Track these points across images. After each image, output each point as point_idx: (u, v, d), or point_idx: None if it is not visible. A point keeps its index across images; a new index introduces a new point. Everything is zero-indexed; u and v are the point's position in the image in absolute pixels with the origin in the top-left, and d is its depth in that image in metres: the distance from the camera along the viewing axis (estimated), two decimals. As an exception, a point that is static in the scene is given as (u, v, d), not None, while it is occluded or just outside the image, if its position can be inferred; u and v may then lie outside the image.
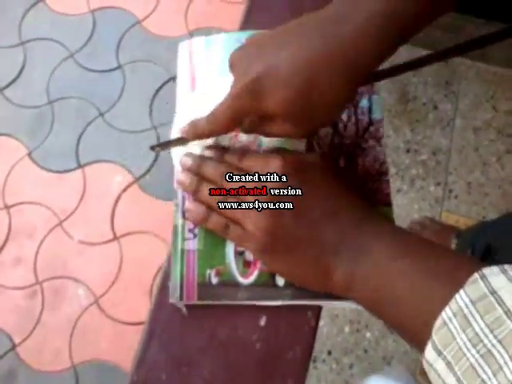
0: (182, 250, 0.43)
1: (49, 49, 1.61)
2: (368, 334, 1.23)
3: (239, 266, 0.42)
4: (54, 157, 1.49)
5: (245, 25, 0.54)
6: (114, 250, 1.37)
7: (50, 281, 1.35)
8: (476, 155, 1.37)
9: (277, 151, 0.42)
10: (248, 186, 0.39)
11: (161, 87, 1.51)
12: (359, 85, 0.37)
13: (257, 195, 0.38)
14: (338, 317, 1.25)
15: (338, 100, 0.36)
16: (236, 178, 0.40)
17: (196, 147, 0.44)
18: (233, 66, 0.40)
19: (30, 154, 1.49)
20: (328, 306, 0.42)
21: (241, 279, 0.42)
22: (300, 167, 0.39)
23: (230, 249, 0.43)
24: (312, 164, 0.40)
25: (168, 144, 0.45)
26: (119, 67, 1.57)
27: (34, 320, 1.32)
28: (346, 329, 1.24)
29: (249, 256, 0.42)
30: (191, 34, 1.58)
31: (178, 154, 0.45)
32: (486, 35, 0.38)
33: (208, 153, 0.44)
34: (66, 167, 1.47)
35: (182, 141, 0.44)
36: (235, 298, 0.41)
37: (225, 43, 0.51)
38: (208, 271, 0.42)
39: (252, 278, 0.42)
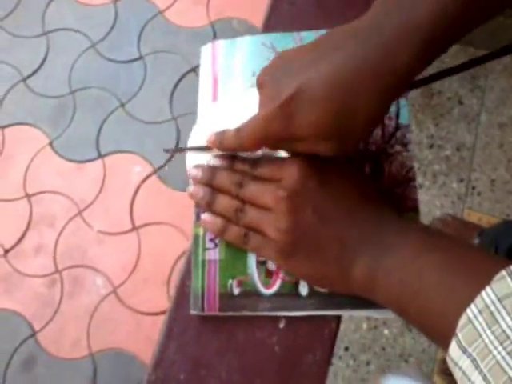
0: (203, 261, 0.42)
1: (71, 39, 1.62)
2: (386, 331, 1.22)
3: (261, 276, 0.41)
4: (75, 147, 1.50)
5: (270, 17, 0.53)
6: (132, 240, 1.38)
7: (70, 270, 1.37)
8: (501, 152, 1.34)
9: (292, 155, 0.41)
10: (265, 191, 0.39)
11: (181, 78, 1.51)
12: (395, 98, 0.35)
13: (274, 199, 0.38)
14: (355, 314, 1.24)
15: (374, 117, 0.35)
16: (252, 185, 0.40)
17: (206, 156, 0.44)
18: (261, 86, 0.38)
19: (51, 144, 1.50)
20: (353, 315, 0.41)
21: (263, 289, 0.41)
22: (317, 168, 0.39)
23: (251, 258, 0.42)
24: (329, 164, 0.40)
25: (185, 149, 0.44)
26: (140, 58, 1.58)
27: (53, 308, 1.34)
28: (364, 325, 1.23)
29: (271, 266, 0.42)
30: (212, 25, 1.57)
31: (191, 159, 0.45)
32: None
33: (216, 161, 0.43)
34: (86, 157, 1.48)
35: (203, 149, 0.43)
36: (257, 308, 0.41)
37: (249, 48, 0.49)
38: (230, 281, 0.41)
39: (274, 288, 0.41)
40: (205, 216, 0.42)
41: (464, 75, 1.41)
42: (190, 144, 0.46)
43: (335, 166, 0.40)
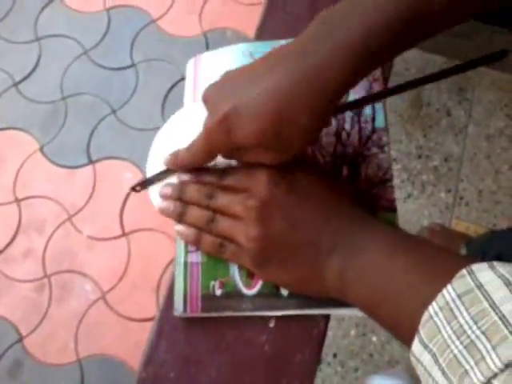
0: (186, 263, 0.43)
1: (64, 45, 1.62)
2: (374, 338, 1.23)
3: (243, 277, 0.42)
4: (66, 152, 1.50)
5: (262, 27, 0.54)
6: (122, 246, 1.38)
7: (58, 275, 1.36)
8: (488, 163, 1.36)
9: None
10: (235, 201, 0.40)
11: (173, 86, 1.52)
12: (330, 113, 0.38)
13: (244, 209, 0.39)
14: (344, 320, 1.25)
15: (310, 128, 0.36)
16: (221, 196, 0.41)
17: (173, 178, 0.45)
18: (206, 102, 0.40)
19: (41, 149, 1.50)
20: (333, 314, 0.42)
21: (245, 290, 0.42)
22: (285, 175, 0.40)
23: None
24: (297, 170, 0.41)
25: (151, 180, 0.46)
26: (133, 65, 1.58)
27: (41, 313, 1.33)
28: (352, 332, 1.24)
29: None
30: (205, 35, 1.59)
31: (155, 192, 0.46)
32: (479, 58, 0.38)
33: (185, 177, 0.44)
34: (77, 163, 1.48)
35: (163, 174, 0.44)
36: (240, 309, 0.41)
37: (229, 58, 0.51)
38: (212, 283, 0.42)
39: (256, 289, 0.42)
40: (178, 227, 0.43)
41: (452, 88, 1.43)
42: (148, 171, 0.47)
43: (303, 171, 0.41)
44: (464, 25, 0.36)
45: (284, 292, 0.41)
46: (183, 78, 1.49)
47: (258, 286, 0.42)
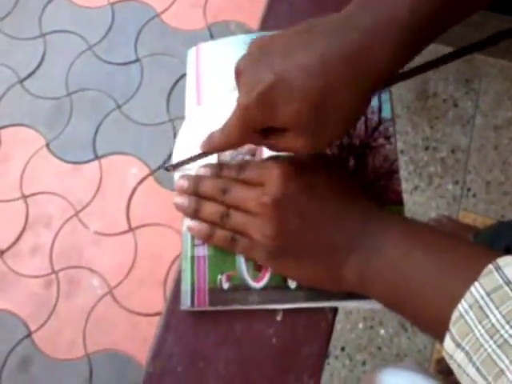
0: (192, 257, 0.42)
1: (68, 41, 1.62)
2: (382, 332, 1.22)
3: (250, 270, 0.42)
4: (72, 148, 1.50)
5: (266, 19, 0.54)
6: (128, 241, 1.38)
7: (66, 270, 1.37)
8: (496, 154, 1.35)
9: (276, 158, 0.41)
10: (249, 197, 0.39)
11: (178, 80, 1.52)
12: (375, 92, 0.35)
13: (258, 205, 0.38)
14: (352, 313, 1.24)
15: (354, 110, 0.34)
16: (235, 191, 0.40)
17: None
18: (239, 75, 0.37)
19: (47, 145, 1.50)
20: (342, 306, 0.41)
21: (252, 283, 0.41)
22: (299, 171, 0.39)
23: None
24: (311, 166, 0.40)
25: (185, 162, 0.44)
26: (137, 60, 1.58)
27: (49, 308, 1.34)
28: (360, 325, 1.23)
29: None
30: (209, 28, 1.58)
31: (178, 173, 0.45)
32: (502, 31, 0.36)
33: (203, 171, 0.43)
34: (83, 158, 1.48)
35: (199, 157, 0.43)
36: (247, 302, 0.41)
37: (232, 48, 0.50)
38: (219, 276, 0.42)
39: (263, 282, 0.41)
40: (191, 223, 0.42)
41: (459, 78, 1.42)
42: (176, 149, 0.46)
43: (318, 167, 0.40)
44: (473, 15, 0.35)
45: (292, 284, 0.41)
46: (188, 73, 1.48)
47: (265, 279, 0.41)
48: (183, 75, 1.51)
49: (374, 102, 0.46)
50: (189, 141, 0.46)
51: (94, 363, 1.28)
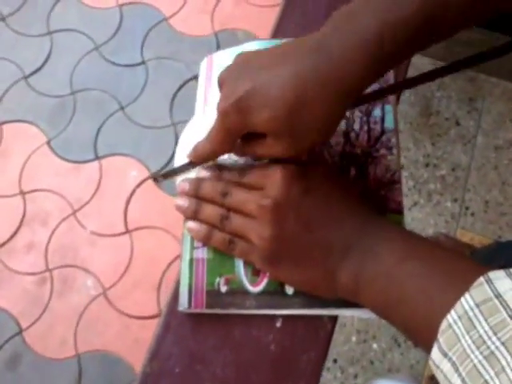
0: (191, 259, 0.43)
1: (75, 40, 1.63)
2: (375, 345, 1.22)
3: (248, 275, 0.42)
4: (73, 147, 1.50)
5: (279, 27, 0.54)
6: (125, 243, 1.38)
7: (60, 269, 1.36)
8: (495, 174, 1.36)
9: (277, 163, 0.41)
10: (249, 199, 0.40)
11: (183, 85, 1.52)
12: (349, 104, 0.37)
13: (258, 208, 0.39)
14: (345, 326, 1.24)
15: (329, 118, 0.36)
16: (236, 194, 0.41)
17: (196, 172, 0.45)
18: (221, 84, 0.40)
19: (48, 143, 1.50)
20: (338, 314, 0.41)
21: (250, 288, 0.41)
22: (300, 176, 0.39)
23: None
24: (312, 171, 0.40)
25: (173, 172, 0.45)
26: (143, 63, 1.59)
27: (41, 306, 1.33)
28: (353, 338, 1.23)
29: None
30: (216, 35, 1.59)
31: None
32: (491, 49, 0.38)
33: (205, 173, 0.44)
34: (83, 158, 1.48)
35: (187, 167, 0.44)
36: (244, 306, 0.41)
37: None
38: (217, 280, 0.42)
39: (261, 287, 0.42)
40: (190, 224, 0.43)
41: (462, 97, 1.43)
42: (176, 160, 0.46)
43: (318, 173, 0.41)
44: (467, 32, 0.36)
45: (289, 291, 0.41)
46: (193, 78, 1.49)
47: (263, 284, 0.42)
48: (188, 80, 1.51)
49: (377, 112, 0.47)
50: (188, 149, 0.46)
51: (84, 363, 1.27)
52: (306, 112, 0.35)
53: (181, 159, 0.45)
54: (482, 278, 0.29)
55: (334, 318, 0.42)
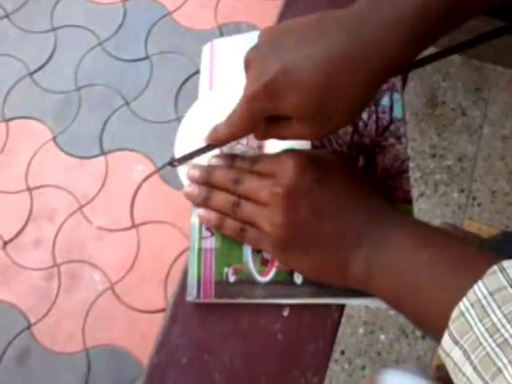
0: (200, 249, 0.43)
1: (79, 36, 1.63)
2: (382, 337, 1.22)
3: (257, 264, 0.42)
4: (78, 142, 1.50)
5: (282, 18, 0.54)
6: (131, 237, 1.38)
7: (68, 264, 1.37)
8: (502, 164, 1.35)
9: (289, 151, 0.41)
10: (261, 187, 0.39)
11: (187, 79, 1.52)
12: (380, 85, 0.36)
13: (270, 195, 0.38)
14: (353, 317, 1.24)
15: (359, 101, 0.35)
16: (248, 181, 0.40)
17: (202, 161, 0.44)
18: (248, 66, 0.38)
19: (54, 139, 1.51)
20: (347, 303, 0.41)
21: (258, 277, 0.42)
22: (313, 164, 0.39)
23: (247, 247, 0.42)
24: (325, 160, 0.40)
25: (190, 156, 0.44)
26: (147, 57, 1.58)
27: (50, 301, 1.33)
28: (361, 330, 1.23)
29: (266, 254, 0.42)
30: (220, 28, 1.58)
31: (184, 172, 0.45)
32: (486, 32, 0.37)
33: (215, 161, 0.44)
34: (89, 153, 1.49)
35: (203, 150, 0.43)
36: (252, 296, 0.41)
37: (246, 43, 0.50)
38: (225, 269, 0.42)
39: (269, 276, 0.42)
40: (201, 211, 0.43)
41: (468, 87, 1.42)
42: (179, 136, 0.46)
43: (331, 162, 0.40)
44: (477, 22, 0.36)
45: (297, 280, 0.41)
46: (197, 72, 1.48)
47: (271, 274, 0.42)
48: (192, 74, 1.51)
49: (386, 101, 0.47)
50: (190, 135, 0.46)
51: (92, 358, 1.28)
52: (337, 95, 0.34)
53: (181, 145, 0.45)
54: (495, 267, 0.29)
55: (341, 307, 0.42)
